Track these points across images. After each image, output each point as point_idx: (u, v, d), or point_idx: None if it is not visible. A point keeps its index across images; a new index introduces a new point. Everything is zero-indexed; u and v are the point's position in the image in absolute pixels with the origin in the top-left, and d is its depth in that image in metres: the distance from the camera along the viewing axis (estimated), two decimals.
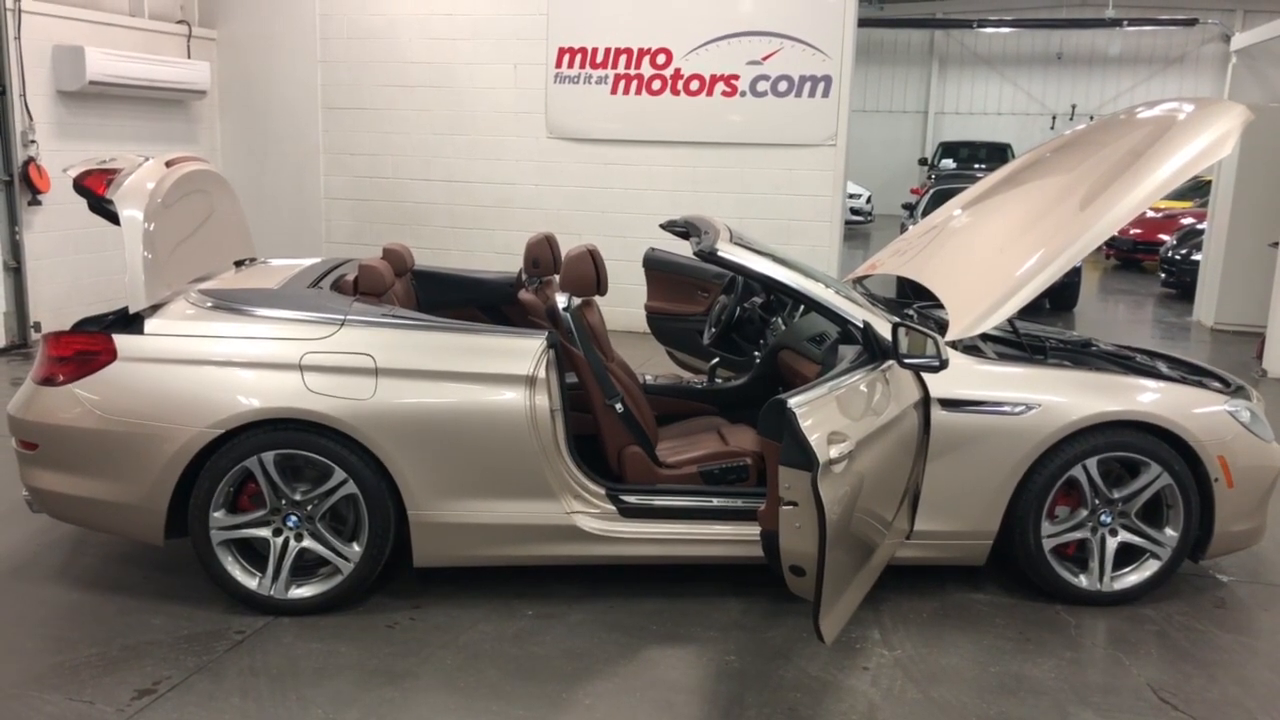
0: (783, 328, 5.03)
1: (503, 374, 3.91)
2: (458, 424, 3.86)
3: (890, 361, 3.77)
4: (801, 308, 4.83)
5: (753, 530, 4.06)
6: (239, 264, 4.92)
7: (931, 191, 13.42)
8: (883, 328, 3.93)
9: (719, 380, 5.20)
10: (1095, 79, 26.69)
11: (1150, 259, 15.91)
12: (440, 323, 4.05)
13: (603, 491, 4.05)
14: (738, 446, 4.35)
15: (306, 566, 3.98)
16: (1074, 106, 26.53)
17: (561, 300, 4.20)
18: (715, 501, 4.13)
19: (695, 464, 4.27)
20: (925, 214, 13.17)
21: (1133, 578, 4.18)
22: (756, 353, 5.19)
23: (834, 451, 3.02)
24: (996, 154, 23.60)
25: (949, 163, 23.40)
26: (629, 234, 9.48)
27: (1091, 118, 23.53)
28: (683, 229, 5.03)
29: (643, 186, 9.84)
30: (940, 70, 27.85)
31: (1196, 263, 12.30)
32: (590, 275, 4.20)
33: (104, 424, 3.80)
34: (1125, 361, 4.52)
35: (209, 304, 4.03)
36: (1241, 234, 10.68)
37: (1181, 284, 13.32)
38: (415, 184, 10.41)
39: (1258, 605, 4.30)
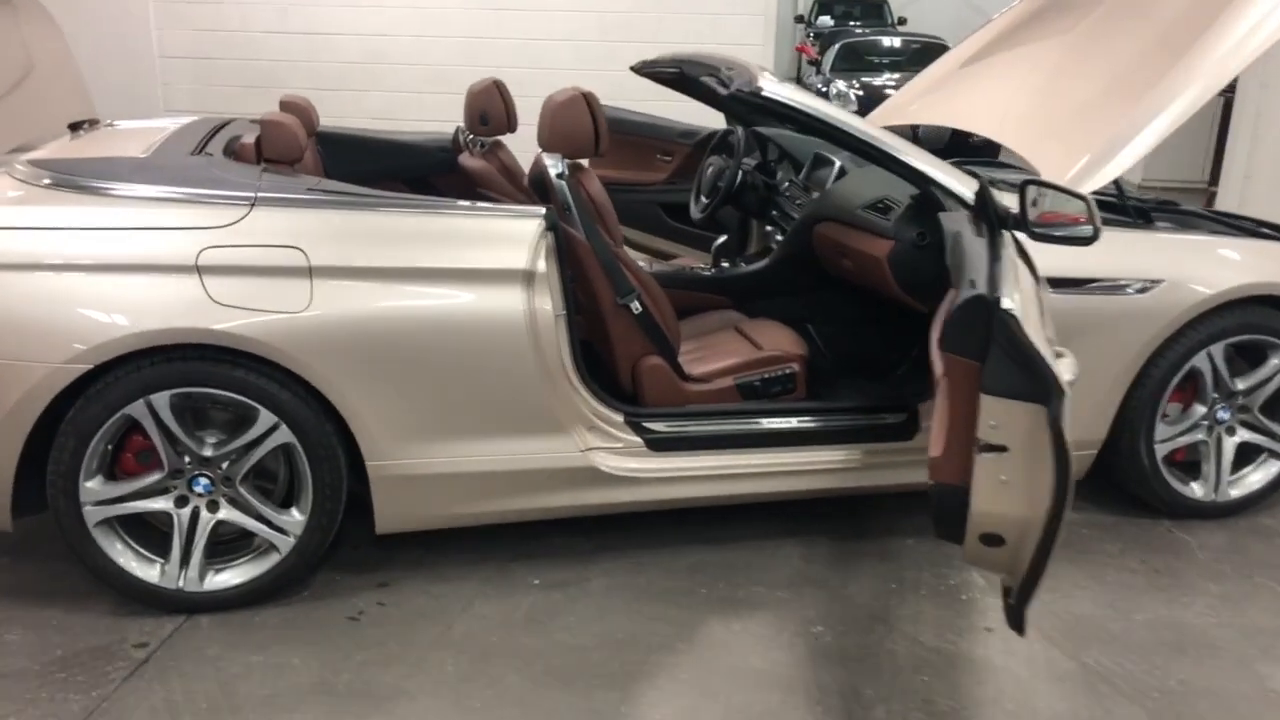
0: (804, 193, 4.04)
1: (490, 269, 2.82)
2: (429, 341, 2.78)
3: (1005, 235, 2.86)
4: (836, 169, 3.85)
5: (814, 456, 3.18)
6: (75, 127, 3.58)
7: (839, 46, 12.49)
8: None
9: (724, 265, 4.20)
10: None
11: None
12: (393, 199, 2.91)
13: (620, 419, 3.07)
14: (777, 349, 3.40)
15: (225, 544, 2.88)
16: None
17: (552, 164, 3.10)
18: (765, 424, 3.20)
19: (730, 375, 3.31)
20: (836, 70, 12.32)
21: (1255, 478, 3.49)
22: (770, 227, 4.20)
23: (1067, 373, 2.11)
24: (873, 11, 22.81)
25: (826, 19, 22.50)
26: (527, 92, 8.20)
27: None
28: (671, 70, 3.94)
29: (541, 36, 8.55)
30: None
31: None
32: (587, 127, 3.10)
33: None
34: (1235, 223, 3.75)
35: (45, 180, 2.77)
36: None
37: None
38: (269, 38, 8.80)
39: None
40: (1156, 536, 3.39)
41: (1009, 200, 2.80)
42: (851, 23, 22.41)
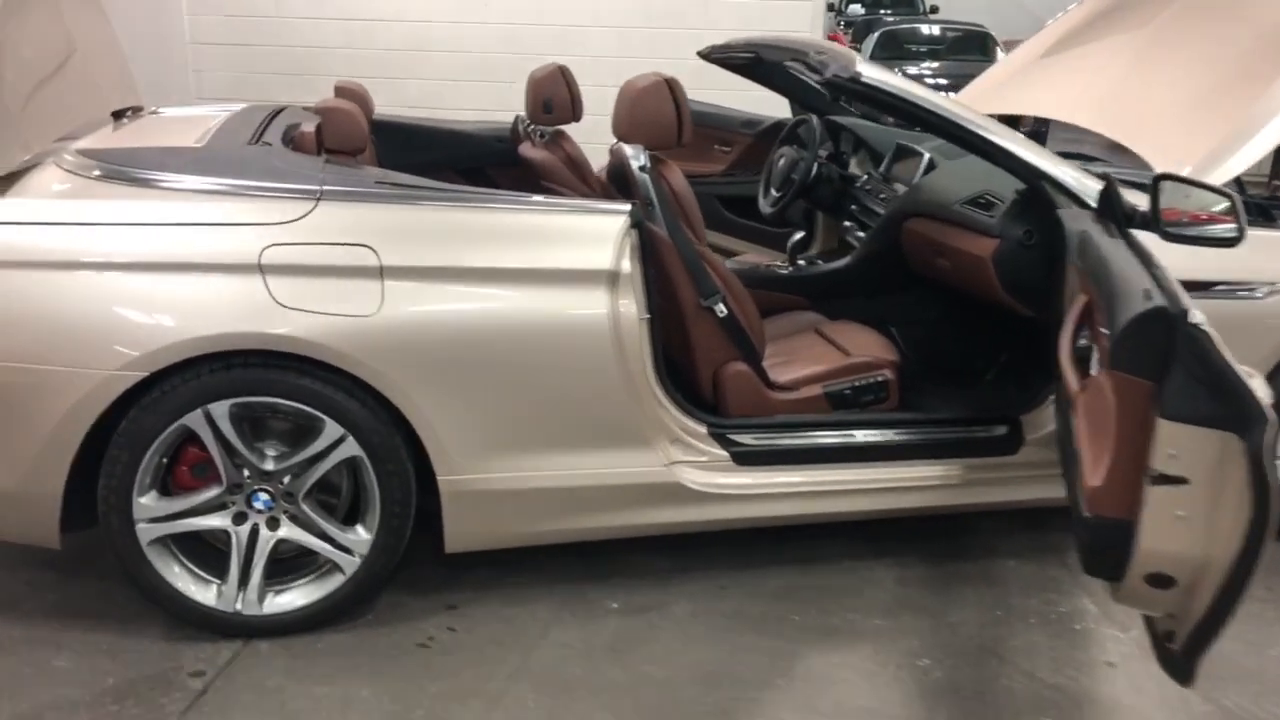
0: (885, 186, 3.81)
1: (573, 269, 2.61)
2: (507, 346, 2.57)
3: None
4: (924, 161, 3.61)
5: (912, 472, 2.96)
6: (118, 115, 3.38)
7: (878, 34, 12.20)
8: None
9: (801, 263, 3.97)
10: None
11: None
12: (468, 194, 2.69)
13: (704, 430, 2.85)
14: (868, 354, 3.17)
15: (284, 564, 2.68)
16: None
17: (633, 155, 2.87)
18: (859, 436, 2.98)
19: (819, 383, 3.08)
20: (875, 58, 12.03)
21: None
22: (849, 223, 3.96)
23: (1263, 393, 1.88)
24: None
25: (857, 8, 22.19)
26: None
27: None
28: (745, 55, 3.71)
29: (584, 22, 8.30)
30: None
31: None
32: (670, 116, 2.89)
33: None
34: None
35: (95, 172, 2.57)
36: None
37: None
38: (304, 24, 8.58)
39: None
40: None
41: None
42: (882, 10, 22.09)
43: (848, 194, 4.02)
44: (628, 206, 2.68)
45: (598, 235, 2.63)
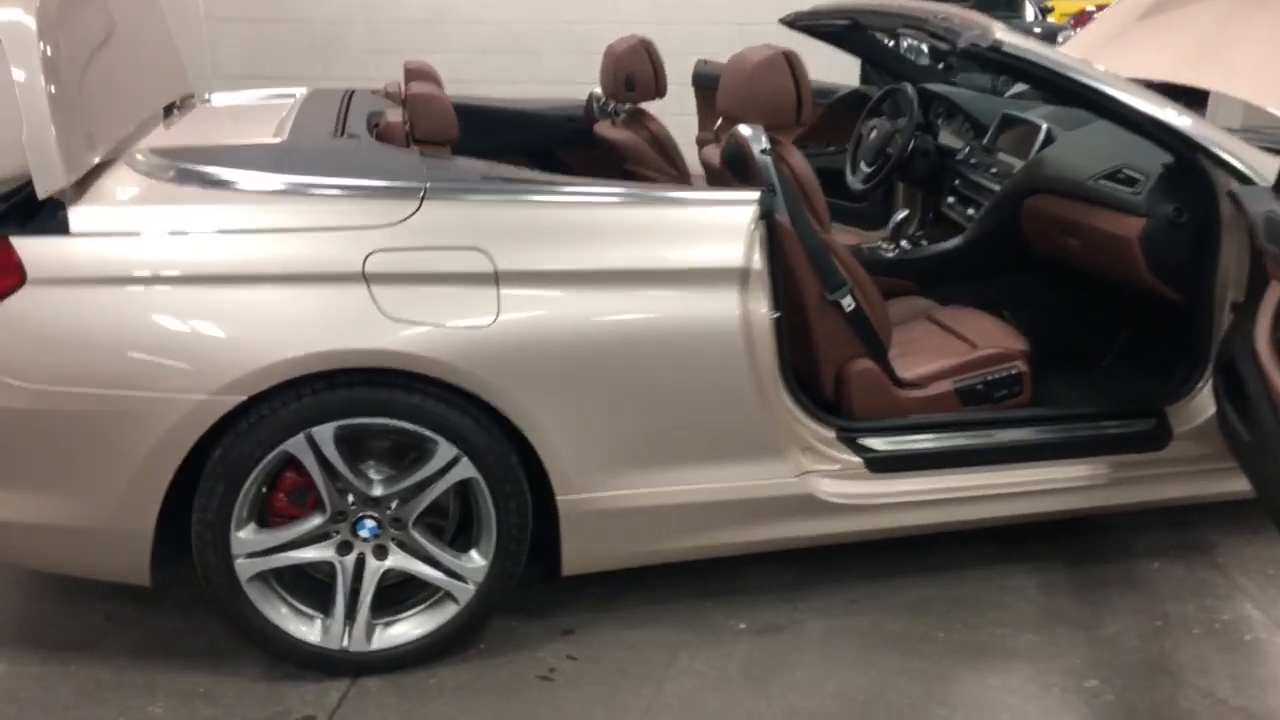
0: (989, 158, 3.55)
1: (701, 268, 2.38)
2: (633, 355, 2.34)
3: None
4: (1042, 133, 3.35)
5: (1056, 473, 2.74)
6: (170, 109, 3.13)
7: None
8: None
9: (904, 244, 3.72)
10: None
11: None
12: (583, 187, 2.46)
13: (832, 435, 2.63)
14: (996, 344, 2.94)
15: (387, 594, 2.46)
16: None
17: (753, 137, 2.63)
18: (999, 436, 2.76)
19: (949, 378, 2.85)
20: None
21: None
22: (952, 199, 3.70)
23: None
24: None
25: None
26: (598, 49, 7.72)
27: None
28: (839, 22, 3.45)
29: None
30: None
31: None
32: (789, 93, 2.64)
33: (19, 399, 2.14)
34: None
35: (170, 174, 2.33)
36: None
37: None
38: None
39: None
40: None
41: None
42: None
43: (945, 168, 3.77)
44: (756, 195, 2.45)
45: (727, 229, 2.40)
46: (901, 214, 3.71)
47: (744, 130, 2.63)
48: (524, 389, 2.28)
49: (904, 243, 3.72)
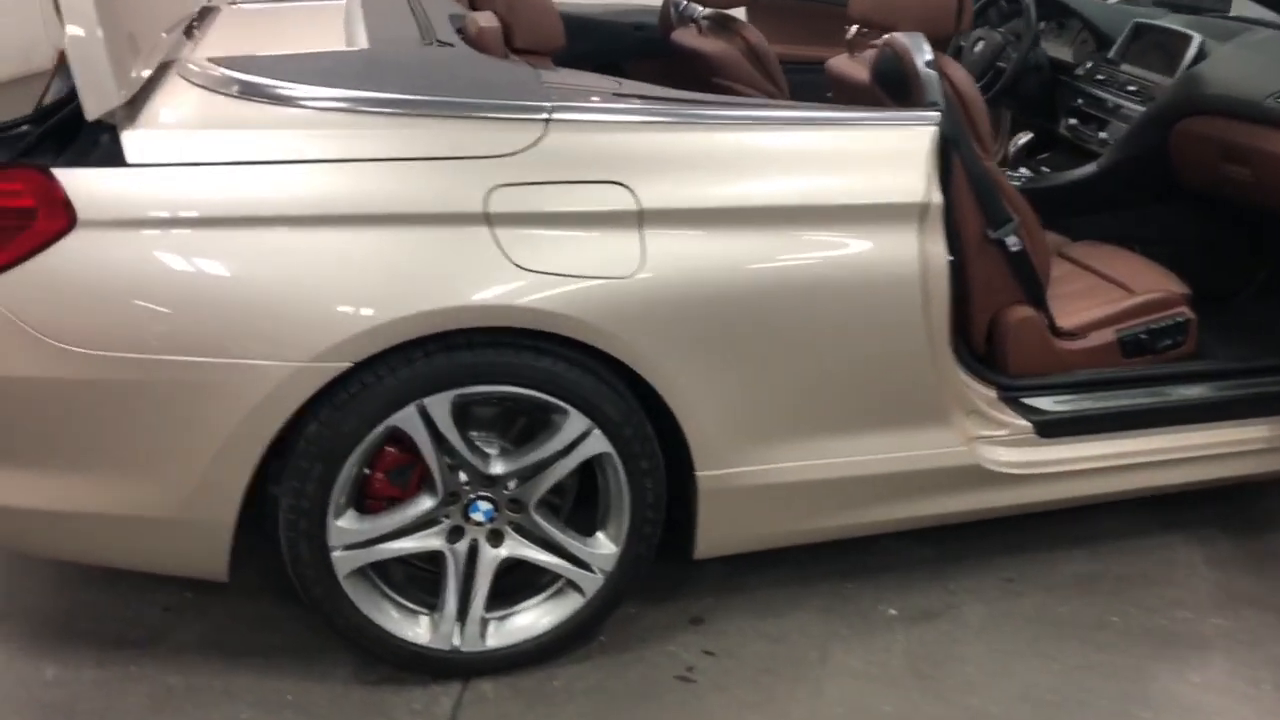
0: (1125, 75, 3.17)
1: (878, 203, 2.02)
2: (795, 307, 1.99)
3: None
4: (1194, 45, 2.96)
5: (1232, 435, 2.44)
6: (204, 12, 2.68)
7: None
8: None
9: (1024, 171, 3.35)
10: None
11: None
12: (736, 108, 2.07)
13: (994, 395, 2.31)
14: (1156, 288, 2.61)
15: (495, 585, 2.13)
16: None
17: (914, 46, 2.23)
18: (1175, 393, 2.45)
19: (1110, 327, 2.52)
20: None
21: None
22: (1074, 120, 3.31)
23: None
24: None
25: None
26: None
27: None
28: None
29: None
30: None
31: None
32: None
33: (70, 367, 1.75)
34: None
35: (234, 88, 1.91)
36: None
37: None
38: None
39: None
40: None
41: None
42: None
43: (1059, 85, 3.39)
44: (934, 116, 2.08)
45: (905, 156, 2.04)
46: (1025, 137, 3.34)
47: (903, 39, 2.24)
48: (669, 350, 1.93)
49: (1023, 170, 3.35)
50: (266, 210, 1.78)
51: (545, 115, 1.89)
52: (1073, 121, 3.30)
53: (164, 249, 1.76)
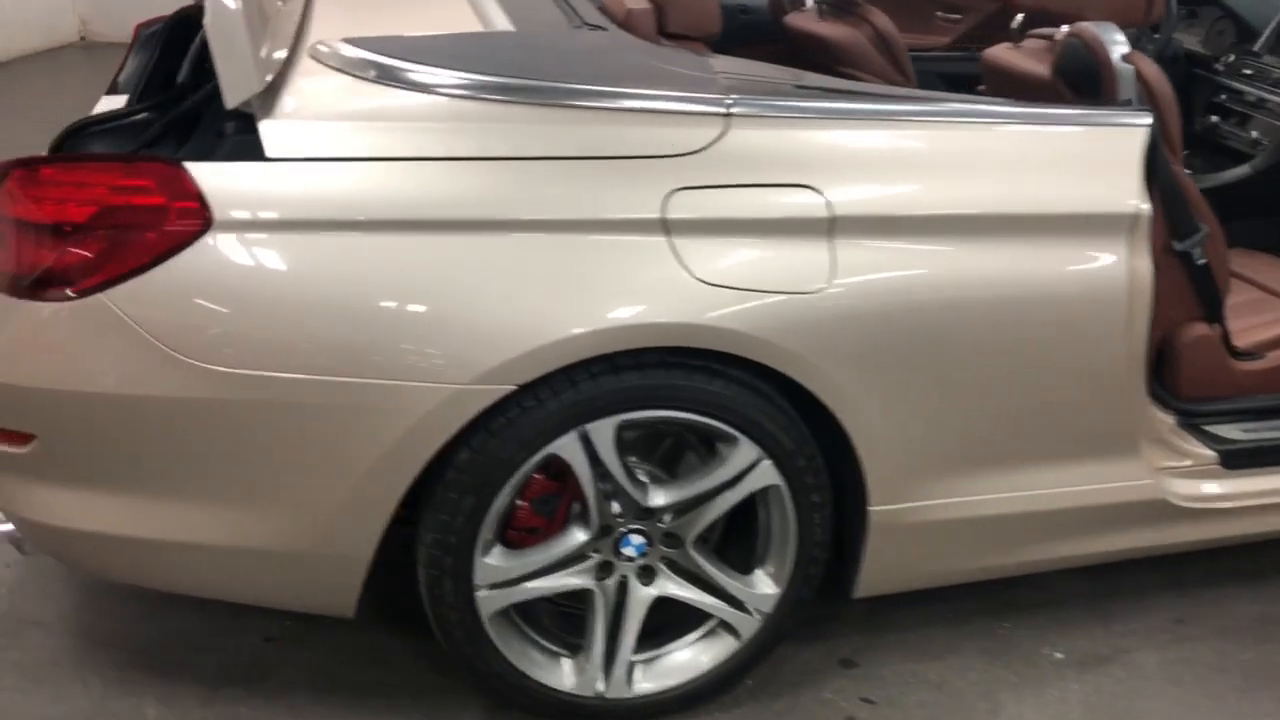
0: (1259, 64, 2.95)
1: (1089, 212, 1.82)
2: (995, 325, 1.80)
3: None
4: None
5: None
6: None
7: None
8: None
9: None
10: None
11: None
12: (930, 102, 1.87)
13: (1172, 421, 2.11)
14: None
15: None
16: None
17: (1109, 37, 2.02)
18: None
19: None
20: None
21: None
22: (1215, 118, 3.08)
23: None
24: None
25: None
26: None
27: None
28: None
29: None
30: None
31: None
32: None
33: (201, 386, 1.56)
34: None
35: (371, 73, 1.71)
36: None
37: None
38: None
39: None
40: None
41: None
42: None
43: (1196, 79, 3.17)
44: (1147, 117, 1.87)
45: (1117, 160, 1.84)
46: None
47: (1093, 29, 2.03)
48: (855, 373, 1.73)
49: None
50: (422, 213, 1.59)
51: (725, 109, 1.69)
52: (1213, 119, 3.08)
53: (309, 254, 1.56)
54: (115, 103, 2.20)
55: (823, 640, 2.14)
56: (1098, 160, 1.85)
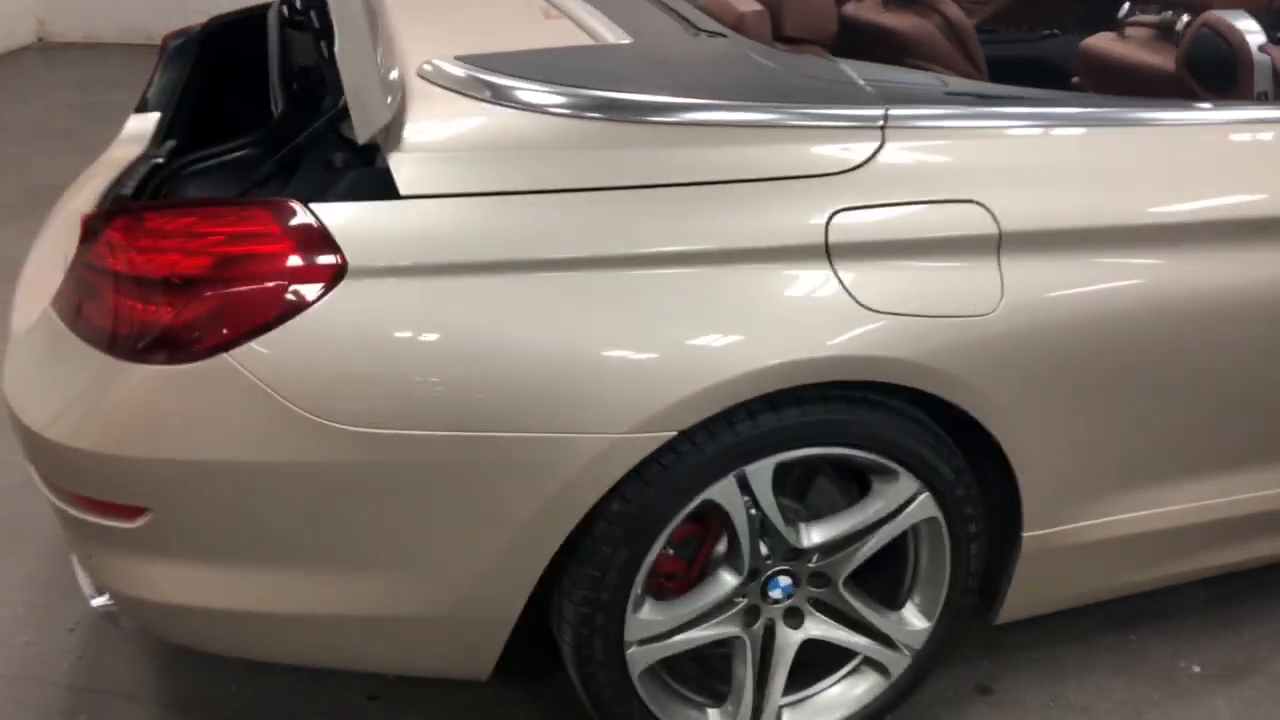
0: None
1: (1260, 217, 1.73)
2: (1167, 339, 1.70)
3: None
4: None
5: None
6: None
7: None
8: None
9: None
10: None
11: None
12: (1082, 104, 1.77)
13: None
14: None
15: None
16: None
17: (1246, 26, 1.93)
18: None
19: None
20: None
21: None
22: None
23: None
24: None
25: None
26: None
27: None
28: None
29: None
30: None
31: None
32: None
33: (339, 449, 1.41)
34: None
35: (486, 93, 1.56)
36: None
37: None
38: None
39: None
40: None
41: None
42: None
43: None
44: None
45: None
46: None
47: (1226, 18, 1.94)
48: (1023, 399, 1.63)
49: None
50: (568, 250, 1.45)
51: (880, 122, 1.57)
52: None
53: (451, 301, 1.42)
54: (146, 121, 2.03)
55: (951, 666, 2.05)
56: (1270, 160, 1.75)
